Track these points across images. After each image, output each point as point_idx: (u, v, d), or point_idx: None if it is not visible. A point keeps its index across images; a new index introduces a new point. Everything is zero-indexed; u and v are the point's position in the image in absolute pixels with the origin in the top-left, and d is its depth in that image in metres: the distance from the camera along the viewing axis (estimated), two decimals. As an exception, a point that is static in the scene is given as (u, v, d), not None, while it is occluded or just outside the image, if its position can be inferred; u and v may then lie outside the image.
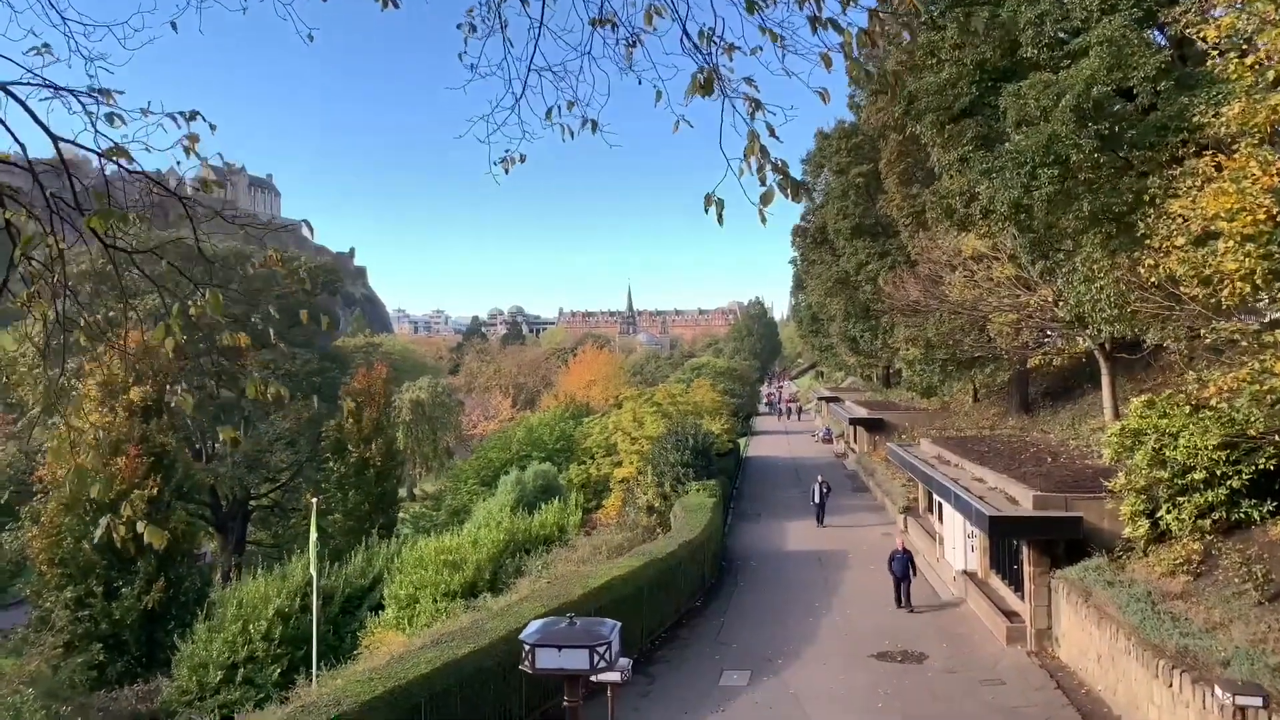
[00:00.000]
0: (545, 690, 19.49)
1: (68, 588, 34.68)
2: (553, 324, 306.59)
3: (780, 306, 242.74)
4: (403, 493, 63.16)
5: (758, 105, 5.56)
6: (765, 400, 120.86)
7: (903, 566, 26.73)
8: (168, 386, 36.71)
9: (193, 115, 5.72)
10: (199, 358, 50.26)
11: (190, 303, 5.65)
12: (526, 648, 7.52)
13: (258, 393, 5.74)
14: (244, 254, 54.83)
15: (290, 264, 50.81)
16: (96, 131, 5.85)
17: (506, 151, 6.47)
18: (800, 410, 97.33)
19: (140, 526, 5.63)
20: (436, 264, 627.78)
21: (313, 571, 28.26)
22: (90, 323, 6.43)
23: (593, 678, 12.99)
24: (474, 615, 21.06)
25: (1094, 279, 21.92)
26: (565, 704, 7.89)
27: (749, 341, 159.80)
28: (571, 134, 6.93)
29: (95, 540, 32.12)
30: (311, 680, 23.37)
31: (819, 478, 40.42)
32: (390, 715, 14.69)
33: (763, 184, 4.73)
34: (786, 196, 4.75)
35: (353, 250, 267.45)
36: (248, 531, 57.41)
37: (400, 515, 56.02)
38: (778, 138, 5.00)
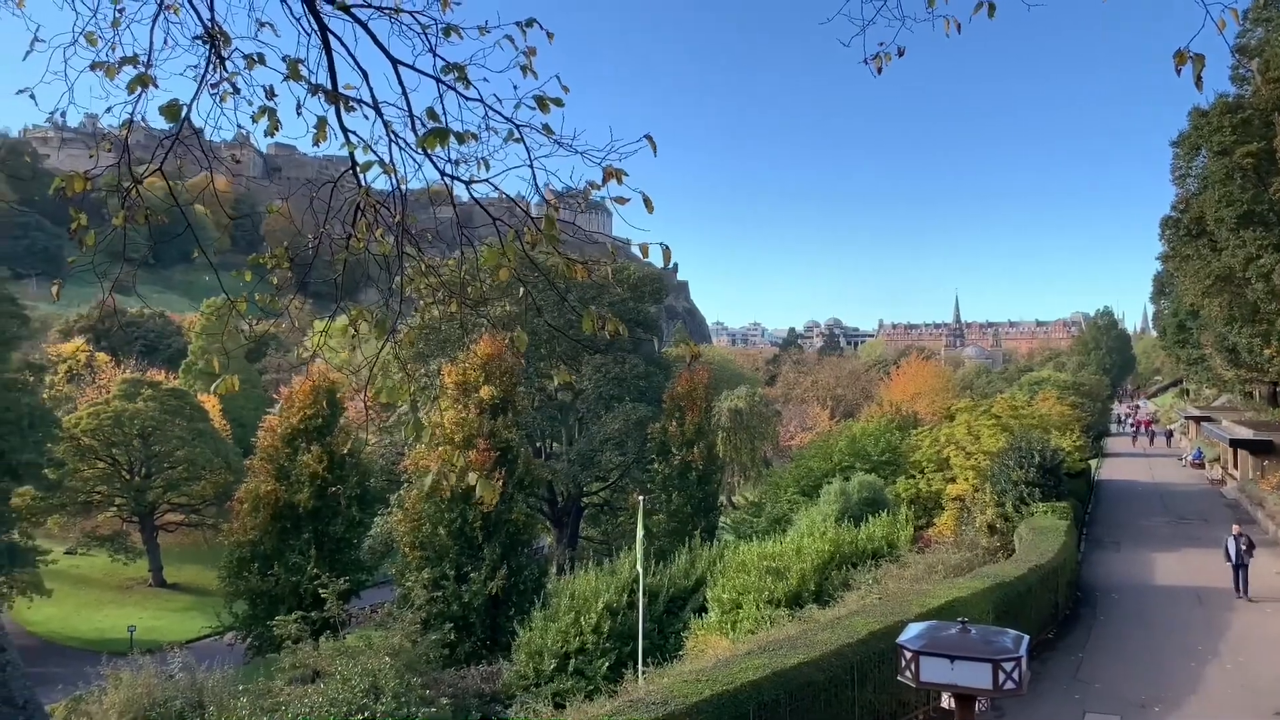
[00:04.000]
0: (878, 714, 17.99)
1: (425, 570, 37.94)
2: (871, 336, 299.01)
3: (1132, 317, 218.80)
4: (721, 499, 63.48)
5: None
6: (1117, 419, 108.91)
7: None
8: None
9: (530, 23, 5.12)
10: (539, 361, 53.52)
11: (525, 229, 5.06)
12: (908, 655, 6.28)
13: (593, 327, 5.05)
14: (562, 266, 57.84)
15: (620, 273, 52.93)
16: (435, 55, 5.44)
17: (881, 45, 5.31)
18: (1169, 434, 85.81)
19: (472, 478, 5.12)
20: (754, 278, 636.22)
21: (639, 569, 28.59)
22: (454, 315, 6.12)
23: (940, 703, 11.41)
24: (801, 625, 19.93)
25: None
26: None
27: (1096, 355, 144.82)
28: (958, 27, 5.62)
29: (427, 487, 34.67)
30: (638, 676, 23.44)
31: (1235, 528, 29.39)
32: (717, 719, 13.97)
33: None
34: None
35: (676, 266, 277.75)
36: (580, 527, 60.35)
37: (720, 520, 56.22)
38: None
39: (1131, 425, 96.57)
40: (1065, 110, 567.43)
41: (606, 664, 27.53)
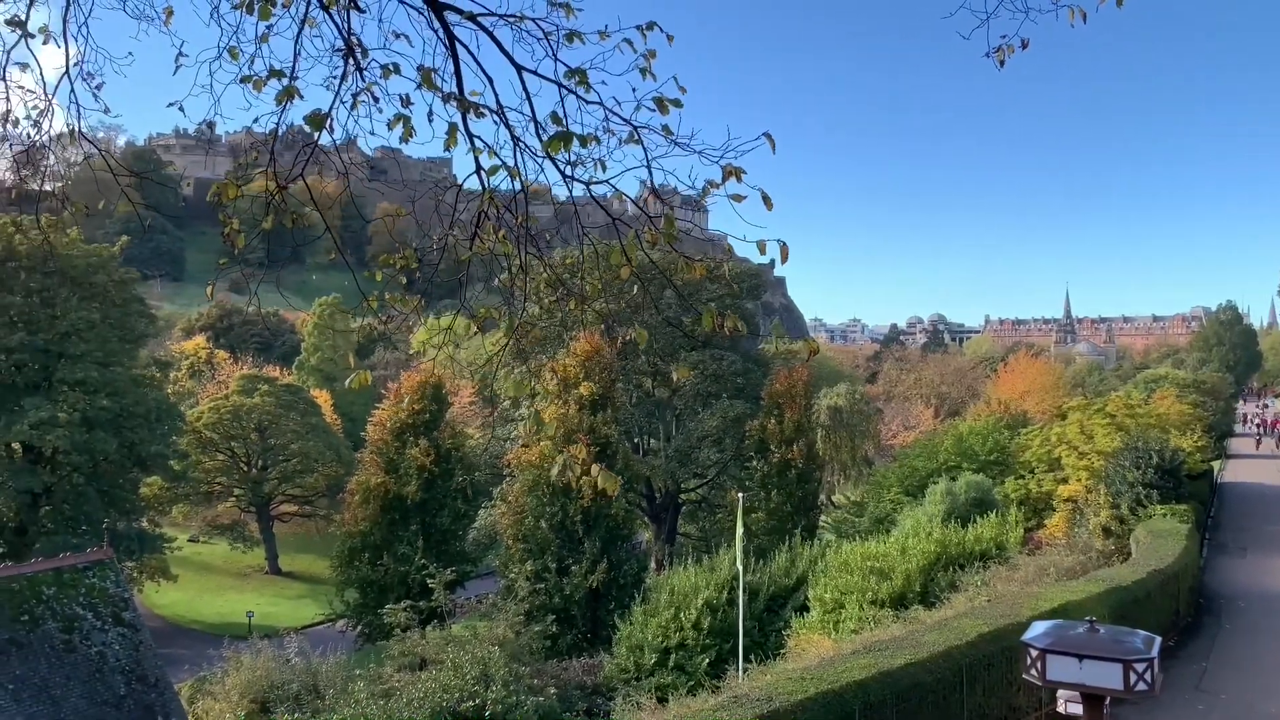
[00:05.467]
0: (987, 718, 17.57)
1: (528, 562, 38.71)
2: (977, 332, 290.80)
3: (1259, 311, 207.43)
4: (822, 498, 62.73)
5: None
6: (1242, 419, 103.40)
7: None
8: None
9: (650, 26, 5.23)
10: (636, 358, 53.85)
11: (646, 229, 5.17)
12: (1033, 653, 6.19)
13: (713, 323, 5.13)
14: (677, 264, 57.95)
15: (719, 269, 52.70)
16: (556, 60, 5.60)
17: (1003, 38, 5.24)
18: None
19: (595, 470, 5.28)
20: (854, 274, 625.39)
21: (739, 566, 28.58)
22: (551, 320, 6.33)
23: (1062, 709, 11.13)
24: (907, 626, 19.63)
25: None
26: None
27: (1219, 352, 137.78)
28: (1084, 17, 5.51)
29: (554, 475, 35.40)
30: (739, 673, 23.45)
31: None
32: (823, 718, 13.89)
33: None
34: None
35: (772, 262, 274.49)
36: (678, 524, 60.53)
37: (821, 519, 55.62)
38: None
39: (1256, 425, 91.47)
40: (1183, 99, 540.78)
41: (707, 660, 27.62)
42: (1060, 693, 8.02)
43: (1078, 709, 12.33)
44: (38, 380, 51.83)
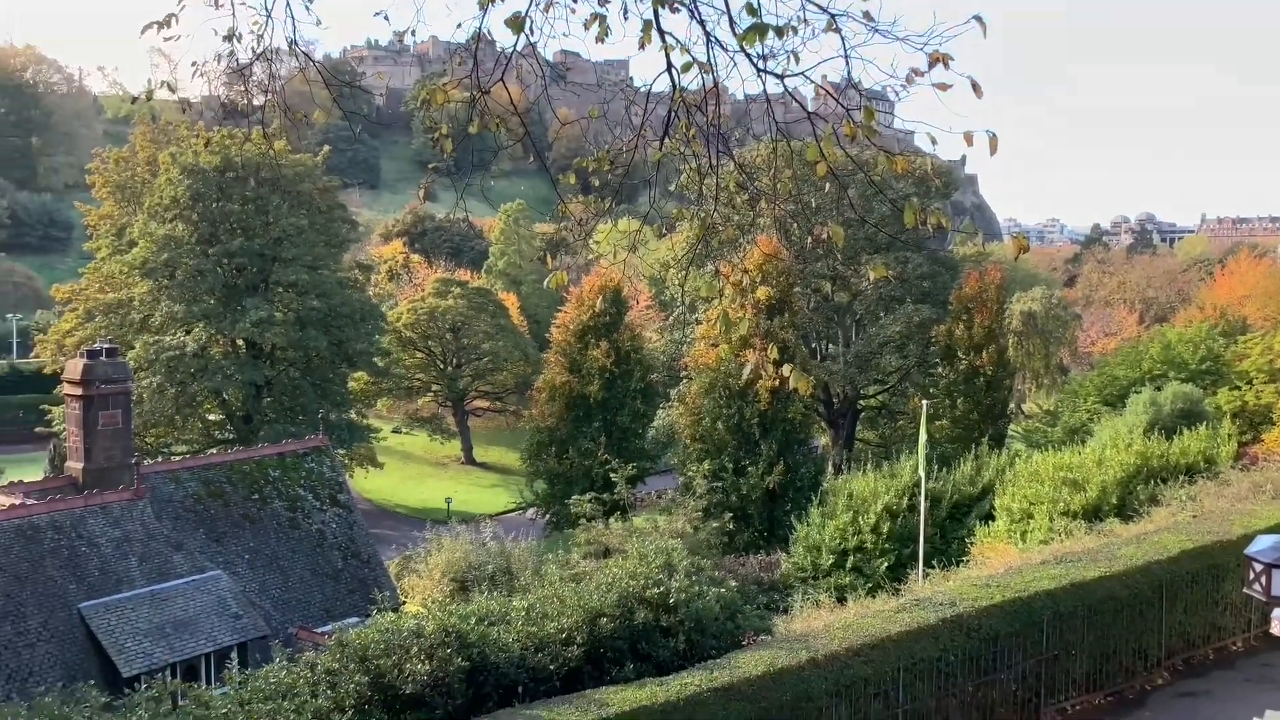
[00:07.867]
0: (1190, 638, 16.78)
1: (705, 461, 39.60)
2: (1191, 232, 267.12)
3: None
4: (1011, 407, 60.35)
5: None
6: None
7: None
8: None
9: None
10: (816, 262, 52.80)
11: (844, 123, 5.02)
12: (1258, 567, 5.92)
13: (915, 220, 4.97)
14: (862, 161, 55.73)
15: (911, 167, 50.31)
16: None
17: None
18: None
19: (786, 370, 5.30)
20: (1054, 170, 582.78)
21: (920, 473, 28.13)
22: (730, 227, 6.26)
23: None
24: (1101, 539, 18.84)
25: None
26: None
27: None
28: None
29: (745, 377, 35.70)
30: (918, 578, 23.32)
31: None
32: (1009, 626, 13.70)
33: None
34: None
35: (964, 158, 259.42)
36: (856, 429, 59.90)
37: (1009, 429, 53.64)
38: None
39: None
40: None
41: (886, 564, 27.66)
42: (1277, 612, 7.57)
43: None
44: (256, 282, 56.34)
